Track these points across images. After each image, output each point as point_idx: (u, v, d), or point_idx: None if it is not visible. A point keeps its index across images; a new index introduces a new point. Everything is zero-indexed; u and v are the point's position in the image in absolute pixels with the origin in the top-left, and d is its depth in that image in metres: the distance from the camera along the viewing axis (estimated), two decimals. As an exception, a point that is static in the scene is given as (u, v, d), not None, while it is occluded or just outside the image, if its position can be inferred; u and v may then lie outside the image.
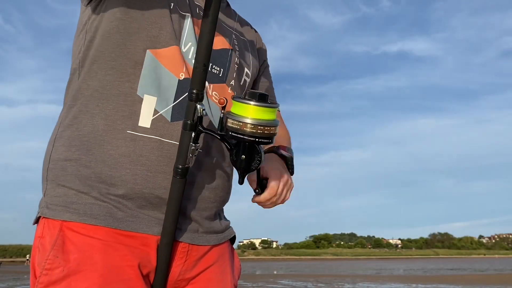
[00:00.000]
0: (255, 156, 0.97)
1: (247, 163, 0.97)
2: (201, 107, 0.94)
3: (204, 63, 0.93)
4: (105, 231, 0.99)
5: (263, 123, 0.92)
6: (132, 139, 1.02)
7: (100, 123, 1.03)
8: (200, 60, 0.93)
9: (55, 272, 0.95)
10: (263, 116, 0.92)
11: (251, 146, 0.96)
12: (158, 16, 1.06)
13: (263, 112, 0.92)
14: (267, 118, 0.93)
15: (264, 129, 0.92)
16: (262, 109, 0.92)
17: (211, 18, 0.93)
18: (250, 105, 0.92)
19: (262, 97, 0.93)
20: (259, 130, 0.91)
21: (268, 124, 0.92)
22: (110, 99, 1.04)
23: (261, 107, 0.92)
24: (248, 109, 0.92)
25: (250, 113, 0.91)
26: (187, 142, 0.95)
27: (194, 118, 0.94)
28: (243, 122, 0.91)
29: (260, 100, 0.92)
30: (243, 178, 0.99)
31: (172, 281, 1.07)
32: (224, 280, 1.15)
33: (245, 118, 0.91)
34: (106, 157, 1.01)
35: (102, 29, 1.06)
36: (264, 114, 0.92)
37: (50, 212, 1.01)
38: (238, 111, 0.93)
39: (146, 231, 1.02)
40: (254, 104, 0.92)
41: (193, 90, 0.94)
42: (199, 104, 0.94)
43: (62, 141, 1.05)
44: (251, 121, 0.91)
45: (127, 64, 1.04)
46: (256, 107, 0.92)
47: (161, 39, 1.06)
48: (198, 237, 1.09)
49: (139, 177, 1.01)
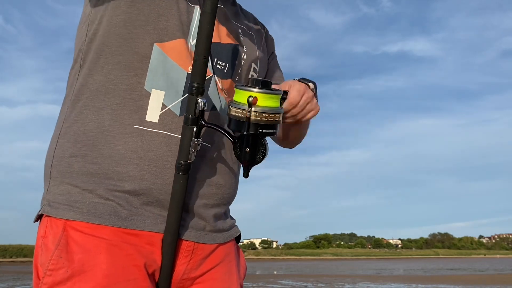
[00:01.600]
0: (259, 149, 0.94)
1: (251, 156, 0.94)
2: (202, 101, 0.92)
3: (204, 55, 0.91)
4: (110, 230, 0.97)
5: (267, 110, 0.90)
6: (140, 134, 1.00)
7: (106, 118, 1.01)
8: (201, 52, 0.91)
9: (59, 273, 0.94)
10: (267, 103, 0.90)
11: (255, 138, 0.93)
12: (165, 8, 1.04)
13: (267, 99, 0.90)
14: (271, 105, 0.91)
15: (268, 117, 0.90)
16: (266, 96, 0.90)
17: (210, 8, 0.91)
18: (253, 92, 0.90)
19: (265, 84, 0.91)
20: (264, 118, 0.90)
21: (272, 111, 0.91)
22: (117, 93, 1.01)
23: (265, 94, 0.90)
24: (252, 96, 0.90)
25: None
26: (189, 137, 0.94)
27: (196, 112, 0.92)
28: (247, 110, 0.89)
29: (264, 87, 0.90)
30: (248, 172, 0.97)
31: (177, 280, 1.05)
32: (230, 280, 1.14)
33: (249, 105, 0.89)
34: (113, 153, 0.99)
35: (107, 22, 1.04)
36: (268, 101, 0.90)
37: (53, 210, 0.99)
38: (242, 99, 0.90)
39: (152, 229, 1.00)
40: (258, 91, 0.90)
41: (194, 83, 0.92)
42: (200, 97, 0.92)
43: (67, 137, 1.03)
44: (254, 108, 0.89)
45: (134, 58, 1.02)
46: (260, 94, 0.89)
47: (169, 31, 1.03)
48: (204, 235, 1.07)
49: (147, 172, 0.99)
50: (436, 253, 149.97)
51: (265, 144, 0.95)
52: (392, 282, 18.00)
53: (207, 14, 0.91)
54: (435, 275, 24.81)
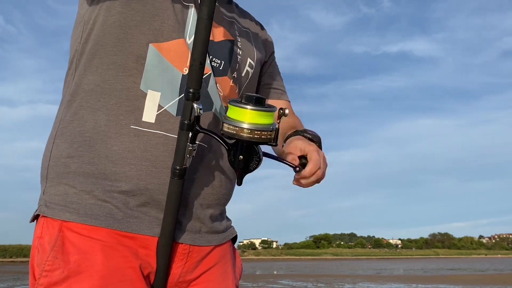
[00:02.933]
0: (253, 157, 0.94)
1: (245, 164, 0.94)
2: (198, 107, 0.91)
3: (200, 61, 0.90)
4: (105, 232, 0.97)
5: (260, 127, 0.89)
6: (136, 134, 1.00)
7: (102, 118, 1.01)
8: (196, 58, 0.90)
9: (55, 274, 0.94)
10: (260, 121, 0.90)
11: (249, 146, 0.93)
12: (160, 9, 1.03)
13: (260, 116, 0.90)
14: (264, 123, 0.90)
15: (261, 134, 0.89)
16: (259, 113, 0.89)
17: (206, 14, 0.90)
18: (246, 110, 0.89)
19: (258, 100, 0.90)
20: (256, 135, 0.89)
21: (265, 128, 0.90)
22: (112, 94, 1.01)
23: (258, 111, 0.89)
24: (244, 113, 0.89)
25: (247, 117, 0.89)
26: (184, 142, 0.93)
27: (191, 118, 0.92)
28: (239, 127, 0.89)
29: (257, 104, 0.89)
30: (241, 179, 0.97)
31: (173, 283, 1.05)
32: (226, 281, 1.13)
33: (242, 122, 0.89)
34: (109, 153, 0.99)
35: (102, 22, 1.03)
36: (261, 119, 0.90)
37: (49, 211, 0.99)
38: (235, 115, 0.90)
39: (147, 233, 1.00)
40: (251, 108, 0.89)
41: (190, 89, 0.91)
42: (195, 103, 0.91)
43: (64, 138, 1.03)
44: (247, 125, 0.89)
45: (129, 59, 1.02)
46: (253, 112, 0.89)
47: (164, 32, 1.03)
48: (199, 237, 1.07)
49: (143, 172, 0.99)
50: (436, 253, 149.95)
51: (258, 152, 0.94)
52: (392, 282, 17.99)
53: (203, 20, 0.90)
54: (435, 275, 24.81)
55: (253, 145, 0.93)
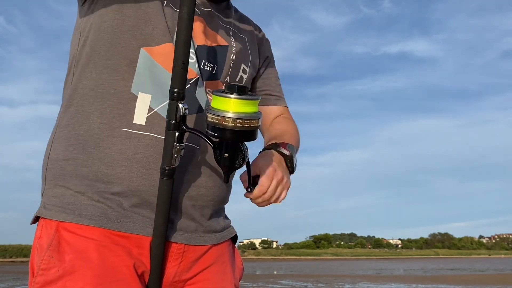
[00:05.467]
0: (238, 154, 0.94)
1: (230, 161, 0.94)
2: (183, 106, 0.92)
3: (182, 60, 0.92)
4: (100, 232, 0.99)
5: (243, 116, 0.89)
6: (128, 137, 1.01)
7: (96, 121, 1.03)
8: (179, 58, 0.92)
9: (50, 272, 0.96)
10: (244, 109, 0.89)
11: (234, 144, 0.93)
12: (152, 14, 1.06)
13: (243, 105, 0.89)
14: (248, 111, 0.90)
15: (243, 122, 0.89)
16: (242, 102, 0.89)
17: (186, 14, 0.91)
18: (230, 99, 0.89)
19: (241, 89, 0.90)
20: (238, 124, 0.89)
21: (248, 117, 0.89)
22: (105, 97, 1.03)
23: (241, 100, 0.89)
24: (228, 102, 0.89)
25: (231, 106, 0.89)
26: (171, 142, 0.94)
27: (177, 118, 0.93)
28: (222, 116, 0.88)
29: (240, 92, 0.90)
30: (227, 177, 0.98)
31: (168, 283, 1.06)
32: (224, 281, 1.14)
33: (226, 112, 0.89)
34: (102, 155, 1.01)
35: (96, 28, 1.06)
36: (244, 107, 0.90)
37: (47, 212, 1.02)
38: (218, 105, 0.90)
39: (140, 232, 1.01)
40: (234, 97, 0.89)
41: (174, 89, 0.92)
42: (180, 103, 0.92)
43: (60, 141, 1.06)
44: (231, 115, 0.88)
45: (122, 63, 1.04)
46: (236, 100, 0.89)
47: (155, 36, 1.05)
48: (195, 237, 1.08)
49: (135, 174, 1.01)
50: (436, 253, 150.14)
51: (243, 149, 0.95)
52: (392, 282, 18.01)
53: (184, 20, 0.91)
54: (435, 275, 24.84)
55: (238, 143, 0.94)
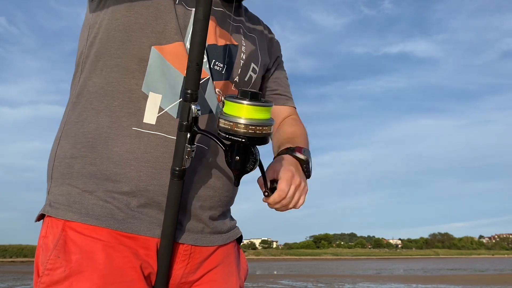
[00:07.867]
0: (249, 157, 0.94)
1: (241, 165, 0.94)
2: (195, 107, 0.92)
3: (197, 62, 0.91)
4: (107, 232, 0.98)
5: (256, 122, 0.89)
6: (137, 136, 1.00)
7: (105, 120, 1.02)
8: (193, 59, 0.91)
9: (57, 272, 0.95)
10: (256, 116, 0.89)
11: (245, 147, 0.93)
12: (164, 12, 1.04)
13: (256, 111, 0.89)
14: (261, 118, 0.90)
15: (256, 129, 0.89)
16: (255, 108, 0.89)
17: (202, 15, 0.90)
18: (243, 105, 0.89)
19: (254, 95, 0.90)
20: (251, 130, 0.89)
21: (261, 123, 0.89)
22: (115, 96, 1.02)
23: (253, 106, 0.89)
24: (240, 108, 0.89)
25: (243, 113, 0.89)
26: (182, 143, 0.94)
27: (189, 119, 0.92)
28: (235, 122, 0.88)
29: (253, 99, 0.89)
30: (238, 180, 0.97)
31: (174, 284, 1.06)
32: (230, 282, 1.13)
33: (238, 118, 0.89)
34: (111, 154, 1.00)
35: (107, 26, 1.05)
36: (257, 114, 0.89)
37: (53, 210, 1.01)
38: (231, 111, 0.90)
39: (147, 234, 1.00)
40: (247, 103, 0.89)
41: (187, 90, 0.92)
42: (193, 104, 0.92)
43: (68, 139, 1.04)
44: (244, 121, 0.88)
45: (132, 61, 1.03)
46: (249, 107, 0.89)
47: (166, 35, 1.03)
48: (202, 238, 1.07)
49: (143, 174, 1.00)
50: (436, 253, 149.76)
51: (255, 153, 0.94)
52: (392, 282, 17.98)
53: (199, 21, 0.90)
54: (435, 275, 24.79)
55: (250, 146, 0.93)
